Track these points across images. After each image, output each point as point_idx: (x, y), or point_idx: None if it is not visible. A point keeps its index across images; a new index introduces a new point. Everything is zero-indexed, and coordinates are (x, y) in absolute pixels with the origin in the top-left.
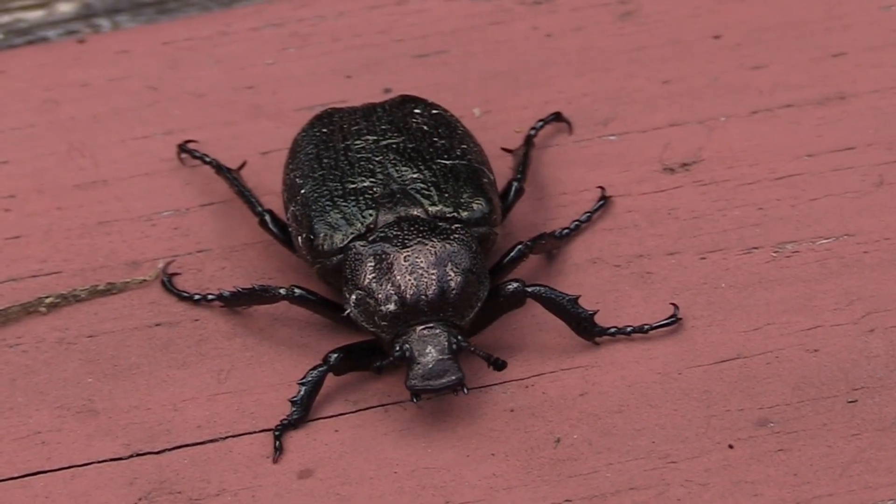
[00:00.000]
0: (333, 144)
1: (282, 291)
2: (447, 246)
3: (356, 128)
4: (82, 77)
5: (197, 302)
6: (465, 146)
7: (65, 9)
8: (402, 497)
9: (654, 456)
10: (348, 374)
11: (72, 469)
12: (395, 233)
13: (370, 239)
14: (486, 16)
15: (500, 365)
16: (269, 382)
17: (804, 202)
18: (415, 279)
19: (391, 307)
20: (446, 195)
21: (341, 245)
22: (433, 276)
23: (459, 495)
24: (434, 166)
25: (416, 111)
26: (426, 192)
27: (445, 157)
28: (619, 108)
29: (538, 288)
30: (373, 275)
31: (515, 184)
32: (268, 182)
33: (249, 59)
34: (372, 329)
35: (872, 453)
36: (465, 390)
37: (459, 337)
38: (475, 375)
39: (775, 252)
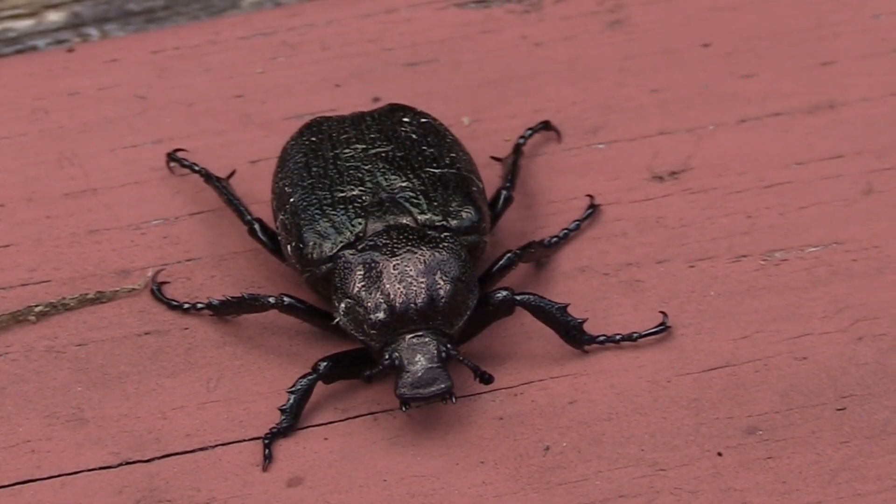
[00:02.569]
0: (322, 153)
1: (271, 300)
2: (436, 254)
3: (345, 136)
4: (72, 86)
5: (186, 311)
6: (454, 155)
7: (54, 18)
8: None
9: (643, 464)
10: (338, 382)
11: (61, 477)
12: (384, 241)
13: (359, 247)
14: (475, 25)
15: (486, 379)
16: (259, 391)
17: (793, 210)
18: (404, 288)
19: (380, 315)
20: (435, 204)
21: (330, 254)
22: (422, 285)
23: (449, 503)
24: (423, 175)
25: (405, 120)
26: (415, 201)
27: (434, 165)
28: (608, 116)
29: (527, 296)
30: (362, 283)
31: (504, 192)
32: (257, 191)
33: (239, 68)
34: (361, 337)
35: (861, 461)
36: (453, 399)
37: (448, 345)
38: (464, 384)
39: (764, 260)
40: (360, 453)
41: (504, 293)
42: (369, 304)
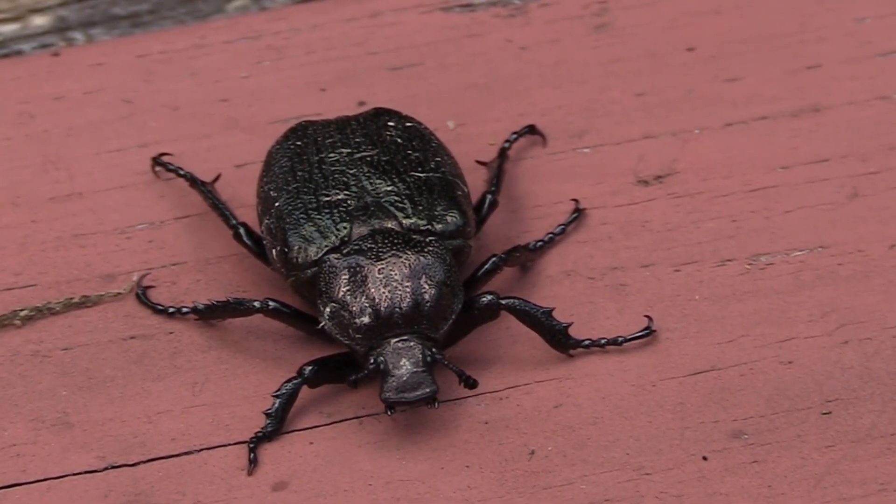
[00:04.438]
0: (307, 157)
1: (256, 304)
2: (421, 258)
3: (330, 140)
4: (57, 90)
5: (171, 315)
6: (439, 159)
7: (39, 22)
8: None
9: (628, 468)
10: (323, 386)
11: (47, 482)
12: (369, 245)
13: (344, 252)
14: (460, 28)
15: (471, 384)
16: (244, 395)
17: (778, 214)
18: (389, 292)
19: (365, 320)
20: (420, 208)
21: (315, 258)
22: (407, 289)
23: None
24: (408, 179)
25: (390, 124)
26: (400, 205)
27: (419, 169)
28: (593, 120)
29: (512, 300)
30: (347, 287)
31: (489, 196)
32: (242, 195)
33: (224, 72)
34: (346, 342)
35: (846, 465)
36: (436, 405)
37: (434, 349)
38: (450, 388)
39: (749, 264)
40: (346, 457)
41: (489, 297)
42: (354, 309)
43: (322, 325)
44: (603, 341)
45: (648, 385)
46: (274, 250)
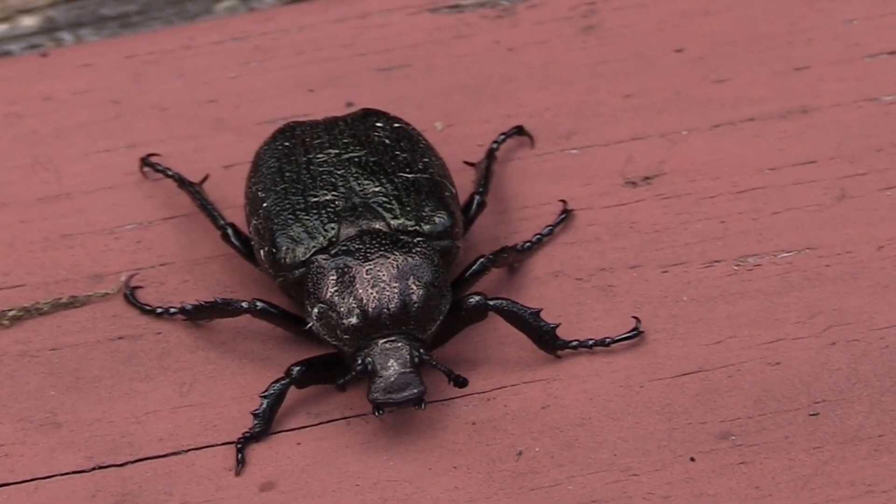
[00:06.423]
0: (295, 158)
1: (244, 305)
2: (409, 259)
3: (318, 141)
4: (46, 90)
5: (159, 315)
6: (426, 160)
7: (28, 23)
8: None
9: (615, 469)
10: (310, 386)
11: (35, 482)
12: (357, 246)
13: (332, 252)
14: (448, 30)
15: (460, 382)
16: (232, 395)
17: (766, 216)
18: (377, 292)
19: (353, 320)
20: (408, 209)
21: (303, 258)
22: (395, 290)
23: None
24: (396, 180)
25: (378, 125)
26: (388, 206)
27: (407, 170)
28: (581, 121)
29: (500, 301)
30: (335, 288)
31: (477, 197)
32: (230, 195)
33: (212, 73)
34: (334, 342)
35: (834, 466)
36: (424, 405)
37: (421, 350)
38: (437, 388)
39: (737, 265)
40: (333, 458)
41: (477, 298)
42: (342, 309)
43: (310, 325)
44: (590, 342)
45: (636, 386)
46: (262, 251)
